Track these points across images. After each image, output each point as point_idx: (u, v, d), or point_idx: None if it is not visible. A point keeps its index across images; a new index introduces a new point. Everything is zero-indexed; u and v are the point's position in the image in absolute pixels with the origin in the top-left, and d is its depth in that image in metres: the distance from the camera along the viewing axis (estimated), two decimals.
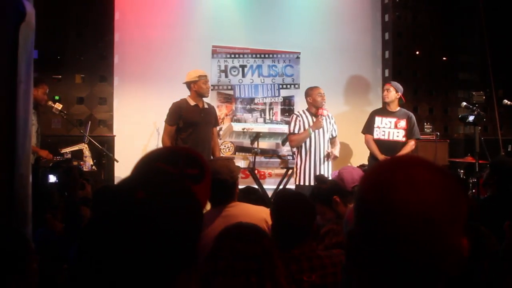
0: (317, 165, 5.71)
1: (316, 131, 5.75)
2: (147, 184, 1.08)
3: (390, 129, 6.01)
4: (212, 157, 5.67)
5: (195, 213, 1.12)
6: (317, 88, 5.88)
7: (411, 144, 6.04)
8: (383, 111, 6.11)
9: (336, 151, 5.86)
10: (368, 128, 6.08)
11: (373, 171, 0.99)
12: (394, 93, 6.02)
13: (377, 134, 6.03)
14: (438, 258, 0.91)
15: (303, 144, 5.79)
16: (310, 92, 5.86)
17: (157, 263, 1.01)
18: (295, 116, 5.92)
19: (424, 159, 0.99)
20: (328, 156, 5.77)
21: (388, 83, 6.27)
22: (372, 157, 6.01)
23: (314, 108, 5.79)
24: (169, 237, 1.03)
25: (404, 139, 6.00)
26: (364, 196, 0.96)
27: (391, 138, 6.00)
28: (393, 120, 6.02)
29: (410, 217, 0.89)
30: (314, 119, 5.75)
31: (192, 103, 5.49)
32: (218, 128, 6.02)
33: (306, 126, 5.75)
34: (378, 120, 6.04)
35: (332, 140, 5.96)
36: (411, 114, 6.19)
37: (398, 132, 6.01)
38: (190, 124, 5.44)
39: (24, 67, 1.93)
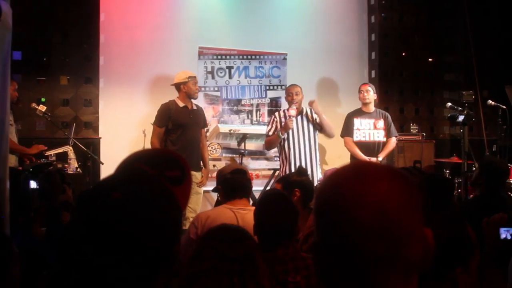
0: (296, 165, 5.55)
1: (295, 132, 5.64)
2: (125, 185, 1.08)
3: (370, 130, 5.99)
4: (201, 159, 5.65)
5: (172, 214, 1.12)
6: (289, 86, 5.82)
7: (393, 142, 6.05)
8: (360, 113, 6.05)
9: (320, 112, 5.67)
10: (347, 131, 6.00)
11: (328, 181, 1.00)
12: (372, 93, 6.02)
13: (358, 136, 5.97)
14: (402, 247, 0.91)
15: (282, 146, 5.70)
16: (285, 90, 5.86)
17: (133, 263, 1.01)
18: (272, 116, 5.86)
19: (375, 164, 1.02)
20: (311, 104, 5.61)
21: (365, 83, 6.20)
22: (354, 159, 5.94)
23: None
24: (144, 237, 1.02)
25: (384, 139, 6.00)
26: (319, 200, 0.97)
27: (371, 139, 5.98)
28: (372, 121, 6.00)
29: (364, 209, 0.90)
30: (295, 119, 5.65)
31: (181, 104, 5.47)
32: (205, 129, 5.98)
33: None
34: (357, 122, 5.99)
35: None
36: (387, 113, 6.21)
37: (378, 133, 6.00)
38: (179, 125, 5.41)
39: (0, 68, 1.90)
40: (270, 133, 5.73)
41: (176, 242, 1.10)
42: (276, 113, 5.93)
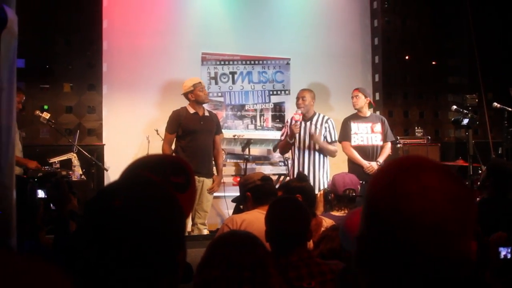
0: (303, 171, 5.52)
1: (301, 137, 5.61)
2: (125, 192, 1.07)
3: (368, 134, 5.97)
4: (215, 165, 5.63)
5: (174, 220, 1.10)
6: (298, 91, 5.82)
7: (388, 146, 6.03)
8: (357, 117, 6.02)
9: (321, 141, 5.62)
10: (345, 136, 5.96)
11: (384, 176, 0.97)
12: (363, 98, 5.99)
13: (356, 140, 5.94)
14: (450, 267, 0.90)
15: (292, 151, 5.70)
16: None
17: (134, 269, 1.01)
18: (286, 121, 5.87)
19: (435, 162, 0.98)
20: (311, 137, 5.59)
21: (355, 89, 6.14)
22: (351, 163, 5.91)
23: None
24: (145, 244, 1.01)
25: (381, 142, 5.99)
26: (375, 203, 0.95)
27: (370, 143, 5.96)
28: (369, 125, 5.99)
29: (422, 229, 0.88)
30: (303, 124, 5.64)
31: (191, 111, 5.48)
32: (220, 135, 5.87)
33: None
34: (354, 126, 5.96)
35: (330, 145, 5.77)
36: (383, 118, 6.21)
37: (376, 136, 5.98)
38: (189, 132, 5.42)
39: (6, 74, 1.89)
40: (282, 137, 5.73)
41: (179, 248, 1.09)
42: (290, 118, 5.92)
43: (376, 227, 0.93)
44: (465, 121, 5.44)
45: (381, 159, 5.88)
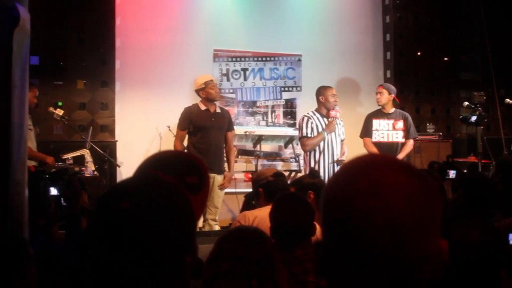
0: (329, 167, 5.56)
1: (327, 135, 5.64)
2: (135, 193, 1.05)
3: (389, 131, 5.98)
4: (227, 162, 5.66)
5: (183, 223, 1.08)
6: (330, 88, 5.74)
7: (410, 144, 6.02)
8: (379, 114, 6.05)
9: (344, 156, 5.71)
10: (366, 132, 6.01)
11: (336, 177, 0.93)
12: (387, 95, 5.98)
13: (376, 137, 5.97)
14: (412, 267, 0.85)
15: (318, 147, 5.67)
16: (323, 92, 5.68)
17: (144, 269, 1.00)
18: (306, 118, 5.65)
19: (391, 158, 0.94)
20: (338, 162, 5.58)
21: (380, 85, 6.18)
22: None
23: (325, 109, 5.64)
24: (152, 245, 1.01)
25: (403, 139, 5.98)
26: (329, 204, 0.91)
27: (390, 140, 5.96)
28: (391, 122, 5.98)
29: (376, 228, 0.84)
30: (326, 121, 5.60)
31: (202, 107, 5.51)
32: (232, 132, 5.87)
33: (319, 129, 5.57)
34: (375, 122, 5.98)
35: (341, 144, 5.81)
36: (407, 114, 6.17)
37: (397, 134, 5.98)
38: (200, 128, 5.46)
39: (19, 72, 1.92)
40: (309, 134, 5.58)
41: (188, 249, 1.08)
42: (307, 114, 5.74)
43: (332, 231, 0.89)
44: (473, 118, 5.42)
45: (401, 156, 5.86)
